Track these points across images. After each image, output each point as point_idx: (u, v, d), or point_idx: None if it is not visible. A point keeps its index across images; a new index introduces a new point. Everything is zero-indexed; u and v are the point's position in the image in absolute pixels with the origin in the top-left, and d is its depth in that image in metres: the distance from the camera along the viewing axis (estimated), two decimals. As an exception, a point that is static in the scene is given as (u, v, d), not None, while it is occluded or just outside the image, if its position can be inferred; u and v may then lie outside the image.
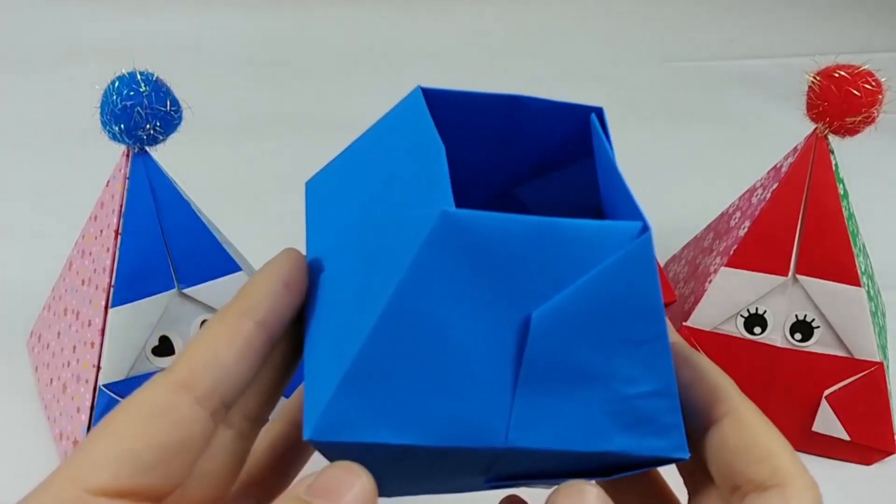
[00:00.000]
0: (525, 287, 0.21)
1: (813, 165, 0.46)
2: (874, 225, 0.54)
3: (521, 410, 0.21)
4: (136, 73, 0.40)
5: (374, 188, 0.24)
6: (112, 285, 0.43)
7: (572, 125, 0.26)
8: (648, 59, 1.05)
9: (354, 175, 0.25)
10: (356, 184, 0.25)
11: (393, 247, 0.21)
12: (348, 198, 0.25)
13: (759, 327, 0.47)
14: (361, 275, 0.22)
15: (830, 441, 0.48)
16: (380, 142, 0.25)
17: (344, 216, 0.24)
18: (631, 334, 0.22)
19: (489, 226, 0.20)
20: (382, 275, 0.21)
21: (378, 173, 0.24)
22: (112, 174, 0.45)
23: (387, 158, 0.24)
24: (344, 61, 1.02)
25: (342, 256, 0.23)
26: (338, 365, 0.20)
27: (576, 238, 0.21)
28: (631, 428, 0.22)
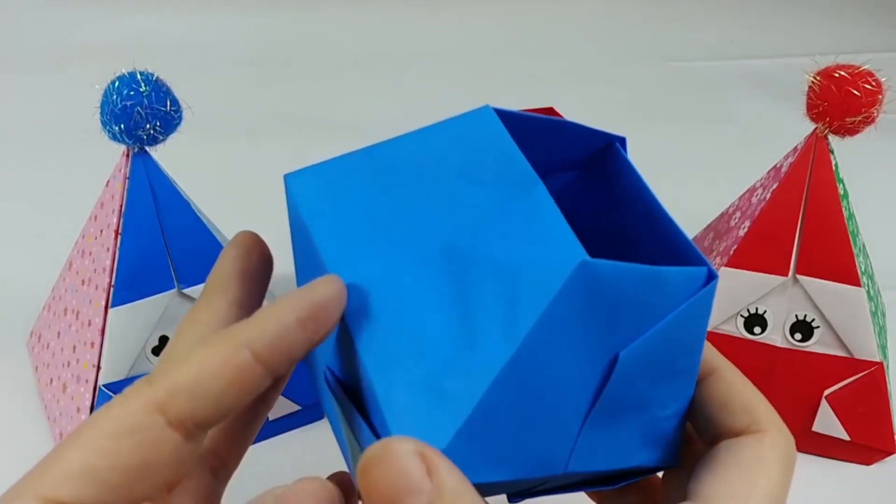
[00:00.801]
0: (617, 328, 0.21)
1: (813, 165, 0.46)
2: (874, 225, 0.54)
3: (584, 441, 0.22)
4: (136, 73, 0.40)
5: (435, 207, 0.22)
6: (112, 285, 0.43)
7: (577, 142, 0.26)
8: (649, 59, 1.05)
9: (388, 184, 0.24)
10: (395, 196, 0.23)
11: (505, 287, 0.20)
12: (384, 208, 0.23)
13: (759, 327, 0.47)
14: (454, 306, 0.21)
15: (830, 441, 0.48)
16: (432, 156, 0.24)
17: (383, 228, 0.23)
18: (678, 366, 0.23)
19: (617, 275, 0.20)
20: (494, 315, 0.20)
21: (440, 193, 0.23)
22: (112, 174, 0.45)
23: (452, 179, 0.23)
24: (344, 61, 1.02)
25: (396, 274, 0.22)
26: (442, 404, 0.20)
27: (664, 283, 0.22)
28: (652, 445, 0.24)
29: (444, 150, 0.24)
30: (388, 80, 0.97)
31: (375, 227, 0.23)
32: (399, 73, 0.99)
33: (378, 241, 0.23)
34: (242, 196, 0.71)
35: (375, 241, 0.23)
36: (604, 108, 0.89)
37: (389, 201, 0.23)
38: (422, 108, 0.70)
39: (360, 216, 0.23)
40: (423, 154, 0.24)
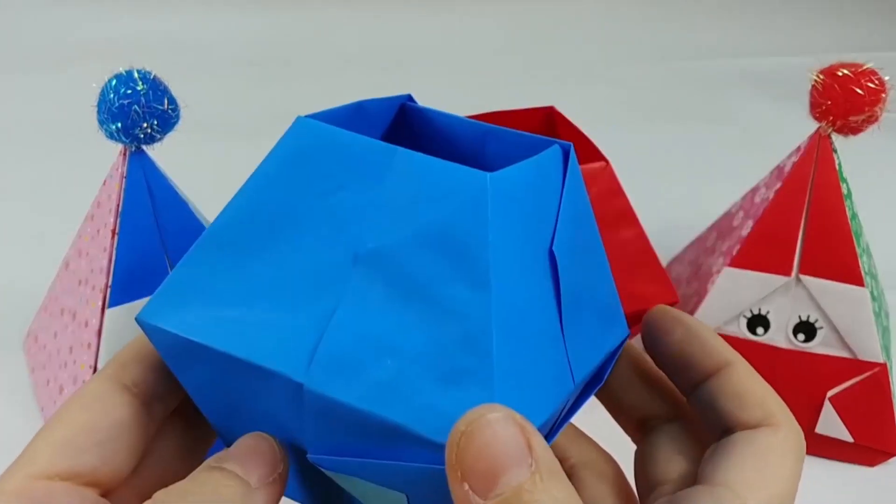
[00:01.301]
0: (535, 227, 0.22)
1: (816, 165, 0.46)
2: (878, 225, 0.54)
3: (571, 346, 0.22)
4: (133, 72, 0.40)
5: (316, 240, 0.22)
6: (109, 286, 0.42)
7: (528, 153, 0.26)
8: (649, 58, 1.05)
9: (259, 252, 0.22)
10: (275, 257, 0.22)
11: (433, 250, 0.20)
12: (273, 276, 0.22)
13: (762, 328, 0.47)
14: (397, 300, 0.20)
15: (834, 443, 0.47)
16: (280, 196, 0.23)
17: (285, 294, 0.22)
18: (588, 242, 0.24)
19: (516, 177, 0.21)
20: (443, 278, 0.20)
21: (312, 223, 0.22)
22: (109, 173, 0.44)
23: (313, 203, 0.22)
24: (343, 61, 1.02)
25: None
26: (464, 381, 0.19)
27: (544, 168, 0.23)
28: (610, 323, 0.25)
29: (288, 183, 0.23)
30: (388, 80, 0.97)
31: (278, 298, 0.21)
32: (399, 73, 0.99)
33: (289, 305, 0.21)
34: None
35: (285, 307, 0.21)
36: (604, 108, 0.88)
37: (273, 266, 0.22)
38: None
39: (254, 300, 0.22)
40: (272, 201, 0.23)
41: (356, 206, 0.21)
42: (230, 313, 0.21)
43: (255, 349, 0.20)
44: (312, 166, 0.21)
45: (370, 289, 0.20)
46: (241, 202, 0.22)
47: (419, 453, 0.19)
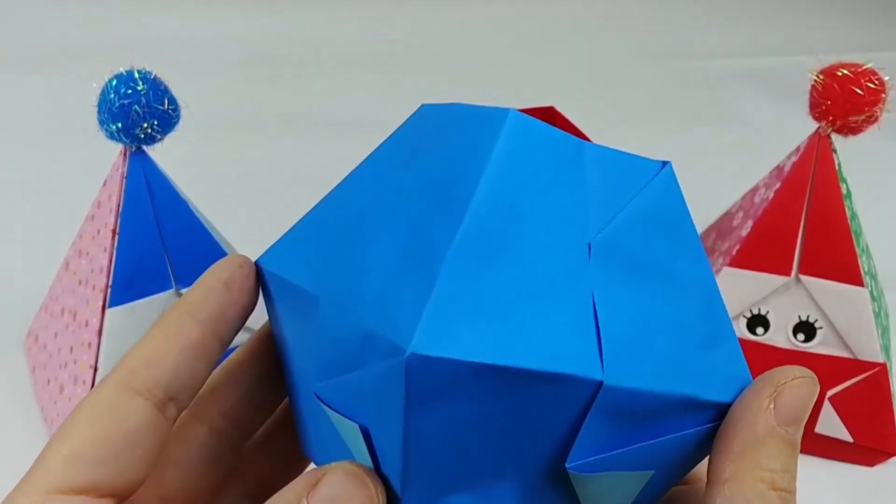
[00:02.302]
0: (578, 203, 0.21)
1: (816, 165, 0.46)
2: (877, 225, 0.54)
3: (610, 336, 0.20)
4: (133, 72, 0.40)
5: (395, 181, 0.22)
6: (109, 286, 0.42)
7: None
8: (649, 58, 1.05)
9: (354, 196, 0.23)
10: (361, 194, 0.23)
11: (450, 178, 0.20)
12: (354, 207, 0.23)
13: (762, 328, 0.47)
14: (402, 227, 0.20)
15: (833, 442, 0.47)
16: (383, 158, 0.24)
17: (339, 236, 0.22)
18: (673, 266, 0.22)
19: (548, 134, 0.21)
20: (446, 202, 0.20)
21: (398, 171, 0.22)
22: (109, 173, 0.44)
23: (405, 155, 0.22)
24: (343, 60, 1.02)
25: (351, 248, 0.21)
26: (414, 287, 0.19)
27: (615, 162, 0.22)
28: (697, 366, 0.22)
29: (395, 156, 0.23)
30: (388, 79, 0.97)
31: (346, 241, 0.22)
32: (399, 72, 0.99)
33: (351, 247, 0.21)
34: (241, 196, 0.71)
35: (348, 248, 0.21)
36: (604, 108, 0.88)
37: (356, 218, 0.22)
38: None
39: (331, 244, 0.22)
40: (375, 172, 0.23)
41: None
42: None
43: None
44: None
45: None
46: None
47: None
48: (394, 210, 0.21)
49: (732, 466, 0.20)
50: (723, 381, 0.21)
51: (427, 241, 0.19)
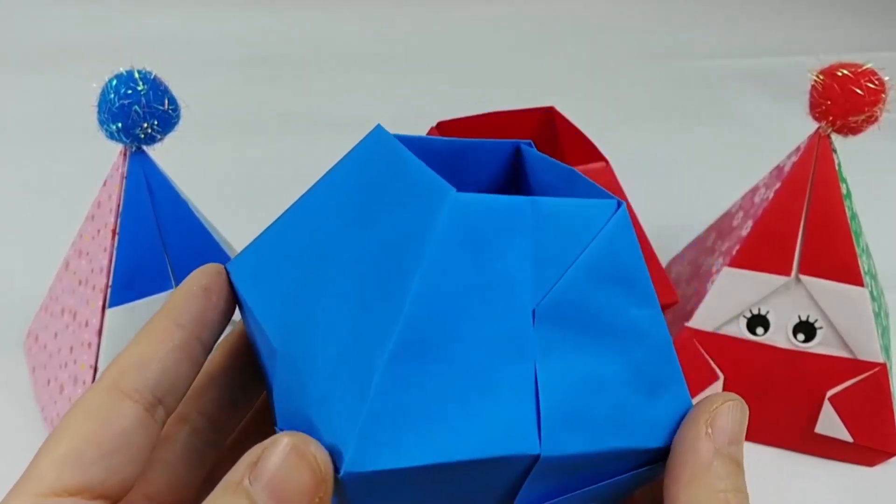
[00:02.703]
0: (524, 272, 0.20)
1: (816, 165, 0.46)
2: (877, 225, 0.54)
3: (549, 407, 0.20)
4: (133, 72, 0.40)
5: (345, 225, 0.22)
6: (109, 285, 0.42)
7: (504, 161, 0.26)
8: (650, 58, 1.05)
9: (307, 229, 0.24)
10: (313, 235, 0.23)
11: (395, 254, 0.20)
12: (306, 249, 0.23)
13: (762, 328, 0.47)
14: (359, 291, 0.21)
15: (833, 443, 0.47)
16: (336, 185, 0.24)
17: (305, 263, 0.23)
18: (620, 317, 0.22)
19: (492, 205, 0.20)
20: (392, 281, 0.20)
21: (346, 211, 0.23)
22: (109, 173, 0.44)
23: (354, 193, 0.23)
24: (343, 60, 1.02)
25: (315, 289, 0.22)
26: (351, 391, 0.19)
27: (559, 215, 0.21)
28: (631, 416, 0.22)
29: (350, 188, 0.23)
30: (389, 79, 0.97)
31: (304, 287, 0.22)
32: (399, 72, 0.99)
33: (308, 300, 0.22)
34: (240, 195, 0.71)
35: (305, 299, 0.22)
36: (604, 108, 0.88)
37: (314, 257, 0.23)
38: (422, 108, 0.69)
39: (291, 281, 0.23)
40: (333, 199, 0.24)
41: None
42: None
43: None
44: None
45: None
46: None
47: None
48: (344, 275, 0.21)
49: (685, 494, 0.20)
50: (665, 427, 0.22)
51: (366, 336, 0.20)
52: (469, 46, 1.07)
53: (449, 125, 0.51)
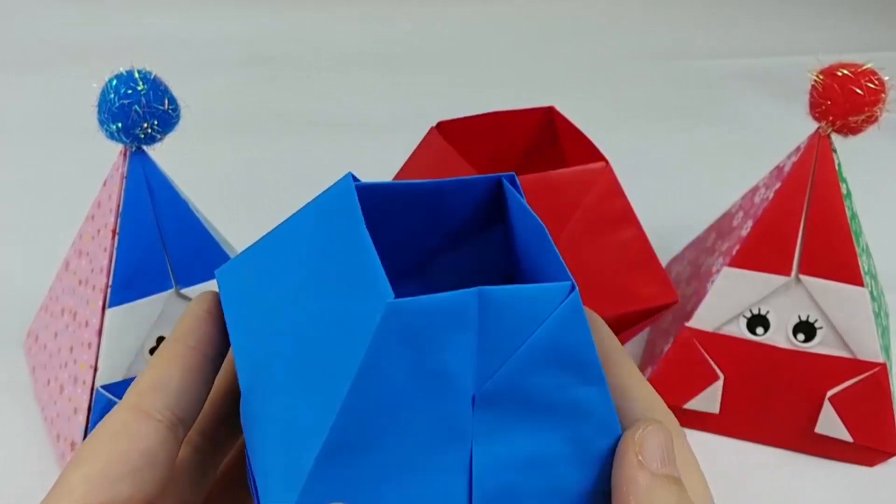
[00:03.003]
0: (465, 362, 0.21)
1: (816, 164, 0.46)
2: (877, 225, 0.54)
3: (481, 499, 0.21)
4: (133, 72, 0.40)
5: (301, 280, 0.23)
6: (109, 285, 0.42)
7: (485, 195, 0.26)
8: (650, 58, 1.05)
9: (277, 264, 0.25)
10: (279, 274, 0.24)
11: (337, 341, 0.21)
12: (272, 287, 0.24)
13: (762, 328, 0.47)
14: (304, 368, 0.22)
15: (833, 442, 0.47)
16: (303, 230, 0.24)
17: (269, 306, 0.24)
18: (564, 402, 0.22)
19: (432, 308, 0.20)
20: (332, 369, 0.21)
21: (305, 264, 0.23)
22: (109, 173, 0.44)
23: (313, 248, 0.23)
24: (343, 60, 1.01)
25: (273, 344, 0.23)
26: (286, 478, 0.21)
27: (510, 303, 0.21)
28: None
29: (308, 236, 0.24)
30: (388, 79, 0.97)
31: (262, 322, 0.24)
32: (399, 72, 0.98)
33: (264, 338, 0.23)
34: (240, 195, 0.70)
35: (262, 337, 0.24)
36: (604, 108, 0.88)
37: (275, 294, 0.24)
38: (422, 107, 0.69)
39: (256, 309, 0.24)
40: (295, 240, 0.25)
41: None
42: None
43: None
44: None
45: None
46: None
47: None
48: (295, 344, 0.22)
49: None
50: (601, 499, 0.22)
51: (304, 423, 0.21)
52: (469, 46, 1.07)
53: (449, 125, 0.51)
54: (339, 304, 0.21)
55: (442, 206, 0.26)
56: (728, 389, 0.48)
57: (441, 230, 0.27)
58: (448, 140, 0.49)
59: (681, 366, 0.48)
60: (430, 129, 0.50)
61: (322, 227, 0.24)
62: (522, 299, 0.21)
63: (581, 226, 0.45)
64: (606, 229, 0.46)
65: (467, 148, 0.50)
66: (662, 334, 0.52)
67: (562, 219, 0.45)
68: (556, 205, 0.45)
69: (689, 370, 0.48)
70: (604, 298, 0.46)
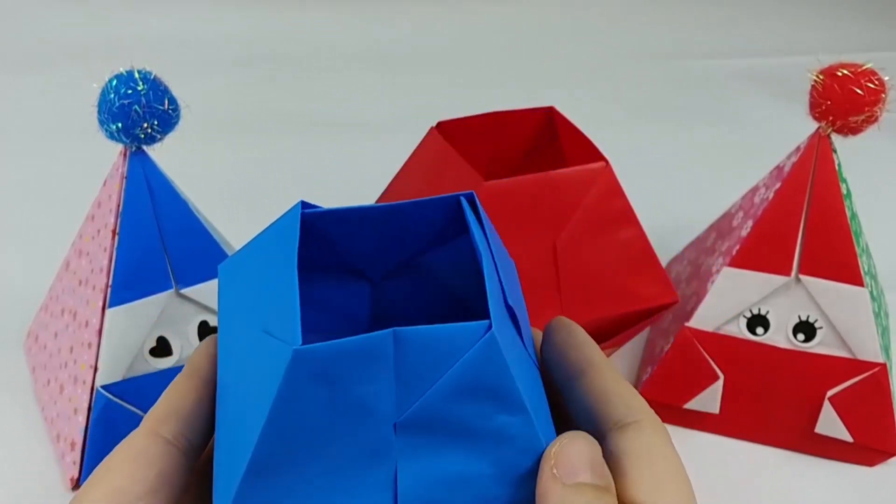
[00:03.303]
0: (384, 394, 0.22)
1: (816, 165, 0.46)
2: (877, 225, 0.54)
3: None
4: (133, 72, 0.40)
5: (249, 304, 0.25)
6: (109, 286, 0.42)
7: (446, 212, 0.27)
8: (650, 57, 1.05)
9: (245, 275, 0.26)
10: (244, 289, 0.26)
11: (263, 371, 0.22)
12: (240, 300, 0.26)
13: (762, 328, 0.47)
14: (241, 393, 0.23)
15: (833, 442, 0.47)
16: (258, 254, 0.26)
17: (238, 318, 0.26)
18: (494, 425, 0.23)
19: (340, 352, 0.21)
20: (257, 398, 0.22)
21: (253, 289, 0.25)
22: (109, 173, 0.44)
23: (260, 275, 0.25)
24: (343, 60, 1.02)
25: (231, 362, 0.25)
26: (222, 497, 0.22)
27: (424, 343, 0.22)
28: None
29: (258, 261, 0.26)
30: (388, 79, 0.97)
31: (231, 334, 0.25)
32: (399, 72, 0.99)
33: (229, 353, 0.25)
34: (240, 195, 0.70)
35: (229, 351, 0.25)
36: (604, 108, 0.88)
37: (240, 307, 0.26)
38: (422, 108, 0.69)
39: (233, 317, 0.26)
40: (254, 261, 0.26)
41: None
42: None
43: None
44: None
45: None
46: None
47: None
48: (239, 375, 0.24)
49: None
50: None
51: (238, 448, 0.22)
52: (469, 46, 1.07)
53: (449, 125, 0.51)
54: (266, 336, 0.23)
55: (408, 225, 0.27)
56: (728, 389, 0.48)
57: (414, 239, 0.28)
58: (448, 140, 0.49)
59: (681, 366, 0.48)
60: (430, 129, 0.50)
61: (267, 256, 0.25)
62: (437, 339, 0.22)
63: (581, 226, 0.45)
64: (606, 229, 0.46)
65: (467, 148, 0.50)
66: (662, 334, 0.52)
67: (562, 219, 0.45)
68: (556, 205, 0.45)
69: (689, 370, 0.48)
70: (604, 298, 0.46)
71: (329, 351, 0.21)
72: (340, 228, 0.26)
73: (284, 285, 0.23)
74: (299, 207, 0.24)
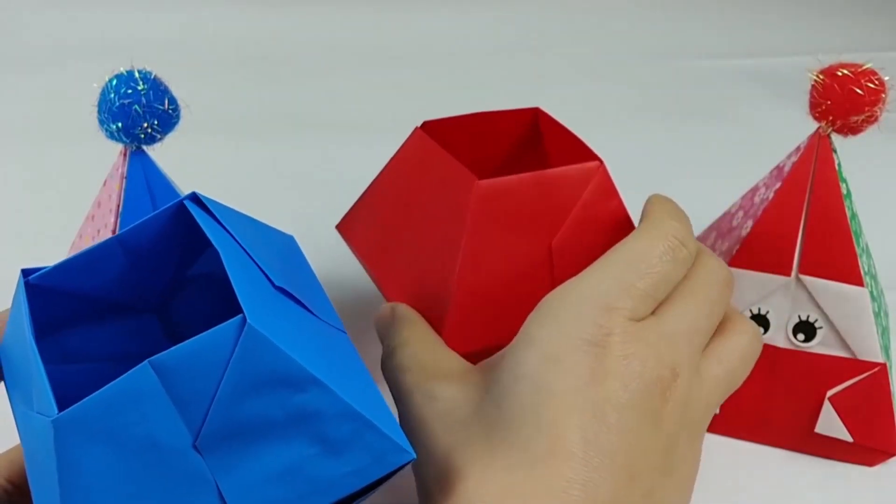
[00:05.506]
0: (170, 424, 0.22)
1: (816, 165, 0.46)
2: (877, 225, 0.54)
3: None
4: (133, 71, 0.40)
5: (19, 380, 0.25)
6: (109, 285, 0.42)
7: (180, 219, 0.27)
8: (650, 57, 1.05)
9: (10, 359, 0.27)
10: (13, 370, 0.26)
11: (44, 457, 0.22)
12: (14, 381, 0.26)
13: (762, 328, 0.47)
14: (39, 477, 0.23)
15: (833, 442, 0.47)
16: (12, 331, 0.26)
17: (18, 398, 0.26)
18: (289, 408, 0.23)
19: (100, 402, 0.21)
20: (50, 486, 0.22)
21: (18, 367, 0.25)
22: (109, 173, 0.44)
23: (16, 353, 0.25)
24: (344, 60, 1.02)
25: (28, 439, 0.25)
26: None
27: (184, 361, 0.22)
28: None
29: (13, 341, 0.26)
30: (388, 79, 0.97)
31: None
32: (398, 72, 0.99)
33: (25, 429, 0.26)
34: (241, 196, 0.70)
35: (24, 428, 0.26)
36: (604, 108, 0.88)
37: (16, 390, 0.26)
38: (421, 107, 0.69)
39: (15, 398, 0.27)
40: (11, 345, 0.27)
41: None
42: None
43: None
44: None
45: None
46: None
47: None
48: (34, 466, 0.24)
49: None
50: (358, 467, 0.24)
51: None
52: (468, 46, 1.07)
53: (434, 125, 0.50)
54: (36, 415, 0.22)
55: (147, 247, 0.28)
56: (728, 389, 0.48)
57: (164, 257, 0.28)
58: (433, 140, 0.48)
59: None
60: (415, 129, 0.50)
61: (15, 336, 0.25)
62: (196, 352, 0.22)
63: (576, 227, 0.45)
64: (601, 230, 0.46)
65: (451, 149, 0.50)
66: (662, 334, 0.52)
67: (557, 219, 0.44)
68: (551, 204, 0.44)
69: (689, 370, 0.48)
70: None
71: (88, 406, 0.21)
72: (82, 277, 0.26)
73: (30, 361, 0.23)
74: (22, 280, 0.25)
